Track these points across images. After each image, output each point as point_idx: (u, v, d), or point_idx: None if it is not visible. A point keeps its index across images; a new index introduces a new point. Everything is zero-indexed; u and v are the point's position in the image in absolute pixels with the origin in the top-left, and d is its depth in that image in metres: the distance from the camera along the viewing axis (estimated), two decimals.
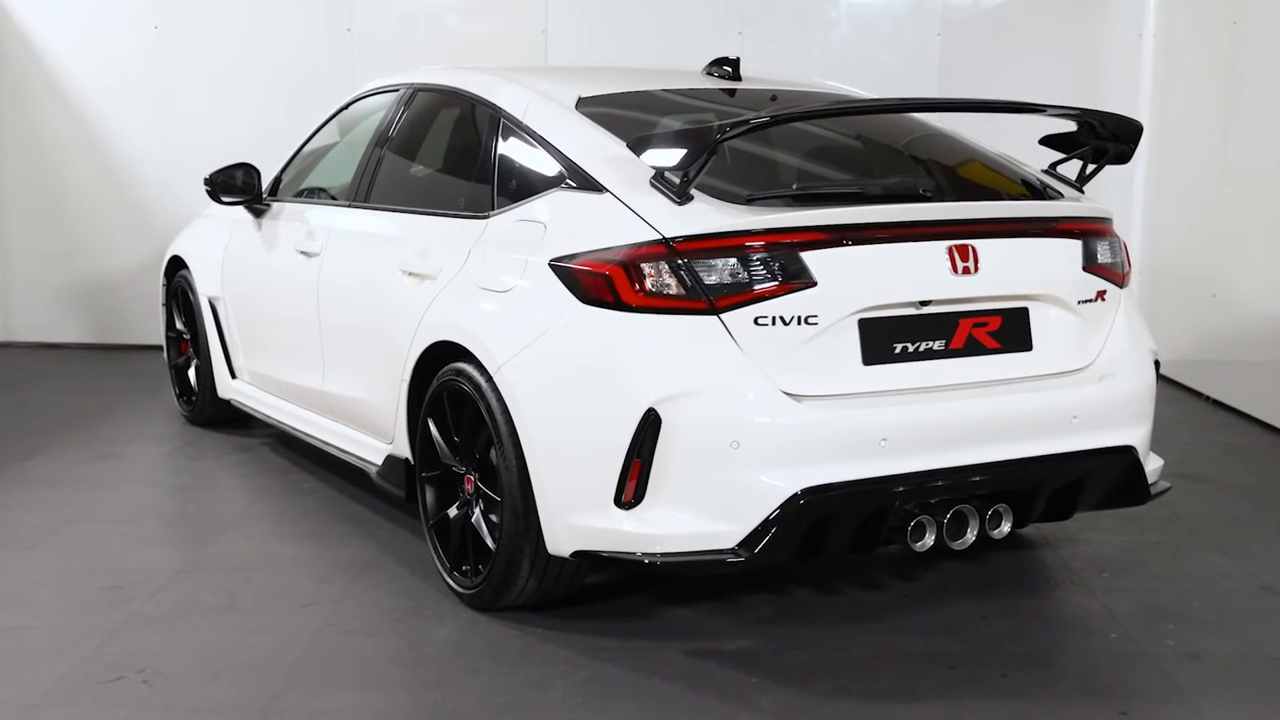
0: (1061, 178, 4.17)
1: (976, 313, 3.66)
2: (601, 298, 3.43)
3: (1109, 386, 3.82)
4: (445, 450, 3.98)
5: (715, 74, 4.55)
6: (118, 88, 8.01)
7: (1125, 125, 4.01)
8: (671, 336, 3.37)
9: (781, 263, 3.39)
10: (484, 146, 4.18)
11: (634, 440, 3.34)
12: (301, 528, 4.65)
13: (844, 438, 3.39)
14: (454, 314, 3.89)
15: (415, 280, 4.14)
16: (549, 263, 3.58)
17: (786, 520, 3.32)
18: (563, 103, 4.04)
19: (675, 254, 3.38)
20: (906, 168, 4.22)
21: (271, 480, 5.24)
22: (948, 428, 3.53)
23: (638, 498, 3.38)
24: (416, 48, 7.83)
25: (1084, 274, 3.83)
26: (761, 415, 3.35)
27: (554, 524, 3.52)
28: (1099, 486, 3.83)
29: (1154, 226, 7.53)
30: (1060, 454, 3.67)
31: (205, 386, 5.87)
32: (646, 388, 3.35)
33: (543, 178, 3.88)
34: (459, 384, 3.81)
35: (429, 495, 4.06)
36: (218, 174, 5.36)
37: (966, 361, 3.65)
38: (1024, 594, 4.05)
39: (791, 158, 4.06)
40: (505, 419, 3.62)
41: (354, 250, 4.64)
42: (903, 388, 3.54)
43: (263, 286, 5.32)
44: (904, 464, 3.45)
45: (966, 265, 3.58)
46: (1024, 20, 7.90)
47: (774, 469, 3.33)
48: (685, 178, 3.45)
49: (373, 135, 4.84)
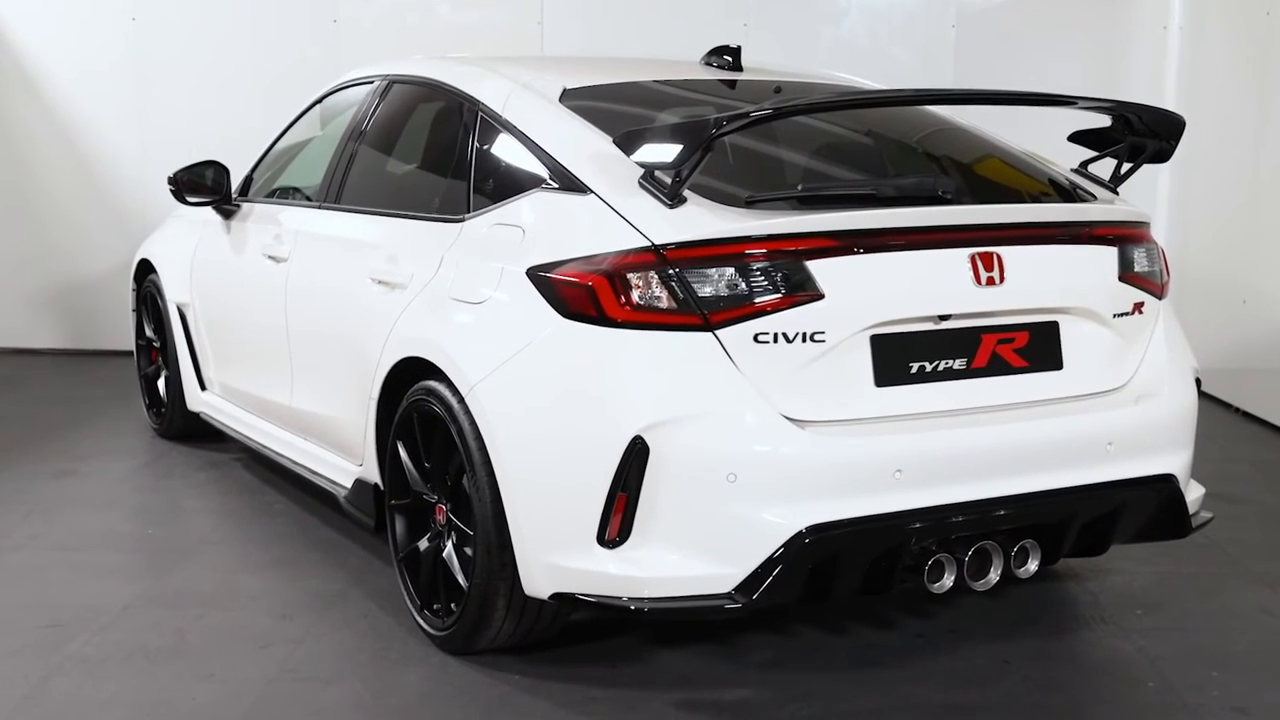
0: (1094, 177, 3.81)
1: (1002, 328, 3.31)
2: (584, 311, 3.08)
3: (1147, 409, 3.46)
4: (415, 477, 3.63)
5: (714, 64, 4.19)
6: (93, 82, 7.68)
7: (1165, 120, 3.64)
8: (661, 355, 3.02)
9: (785, 273, 3.03)
10: (460, 143, 3.83)
11: (618, 471, 2.99)
12: (267, 555, 4.30)
13: (854, 469, 3.04)
14: (424, 327, 3.54)
15: (385, 289, 3.78)
16: (527, 272, 3.23)
17: (789, 561, 2.97)
18: (545, 95, 3.68)
19: (666, 263, 3.03)
20: (923, 166, 3.85)
21: (240, 501, 4.89)
22: (970, 457, 3.18)
23: (623, 535, 3.03)
24: (406, 40, 7.51)
25: (1120, 284, 3.48)
26: (761, 444, 3.00)
27: (530, 562, 3.17)
28: (1135, 519, 3.48)
29: (1181, 228, 7.19)
30: (1094, 485, 3.32)
31: (174, 398, 5.53)
32: (632, 413, 3.00)
33: (522, 177, 3.52)
34: (429, 404, 3.46)
35: (398, 525, 3.71)
36: (183, 172, 5.01)
37: (990, 382, 3.29)
38: (1051, 634, 3.69)
39: (796, 155, 3.70)
40: (478, 444, 3.27)
41: (322, 255, 4.29)
42: (920, 412, 3.19)
43: (231, 293, 4.97)
44: (921, 498, 3.10)
45: (991, 275, 3.23)
46: (1043, 12, 7.60)
47: (775, 504, 2.98)
48: (677, 177, 3.10)
49: (345, 131, 4.49)
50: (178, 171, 5.01)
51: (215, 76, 7.60)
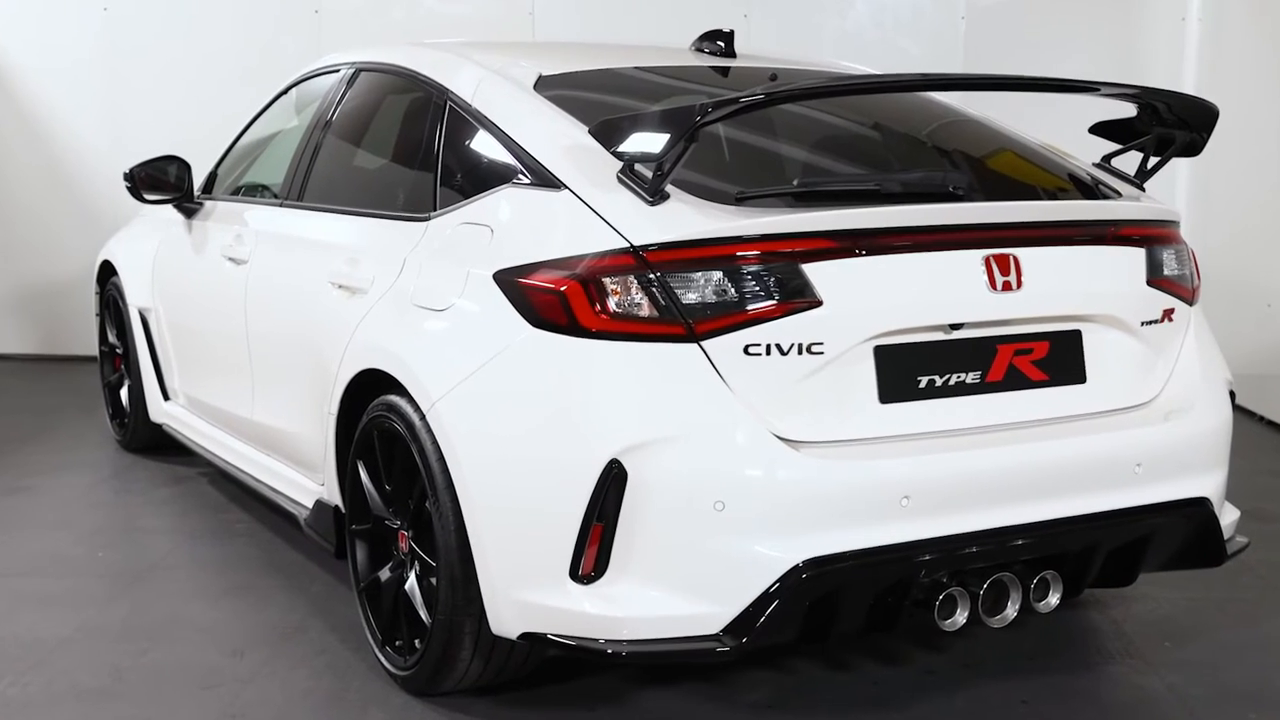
0: (1117, 172, 3.50)
1: (1019, 337, 2.99)
2: (555, 320, 2.77)
3: (1178, 426, 3.15)
4: (376, 500, 3.32)
5: (705, 50, 3.87)
6: (63, 74, 7.41)
7: (1196, 109, 3.32)
8: (640, 369, 2.71)
9: (778, 277, 2.72)
10: (427, 135, 3.51)
11: (593, 499, 2.68)
12: (224, 581, 3.99)
13: (857, 496, 2.73)
14: (383, 337, 3.23)
15: (345, 294, 3.47)
16: (494, 275, 2.92)
17: (785, 599, 2.67)
18: (519, 82, 3.37)
19: (646, 266, 2.71)
20: (932, 160, 3.54)
21: (201, 520, 4.58)
22: (985, 481, 2.86)
23: (598, 570, 2.72)
24: (391, 32, 7.22)
25: (1148, 289, 3.17)
26: (753, 468, 2.69)
27: (498, 598, 2.86)
28: (1166, 546, 3.17)
29: (1200, 228, 6.89)
30: (1121, 510, 3.01)
31: (137, 408, 5.22)
32: (608, 434, 2.69)
33: (492, 172, 3.21)
34: (390, 421, 3.15)
35: (359, 552, 3.40)
36: (141, 168, 4.71)
37: (1007, 397, 2.98)
38: (1072, 670, 3.38)
39: (792, 147, 3.38)
40: (440, 467, 2.96)
41: (283, 257, 3.98)
42: (929, 431, 2.88)
43: (192, 297, 4.66)
44: (931, 527, 2.79)
45: (1007, 279, 2.92)
46: (1057, 4, 7.31)
47: (768, 535, 2.67)
48: (659, 171, 2.78)
49: (309, 123, 4.18)
50: (135, 167, 4.71)
51: (191, 69, 7.31)
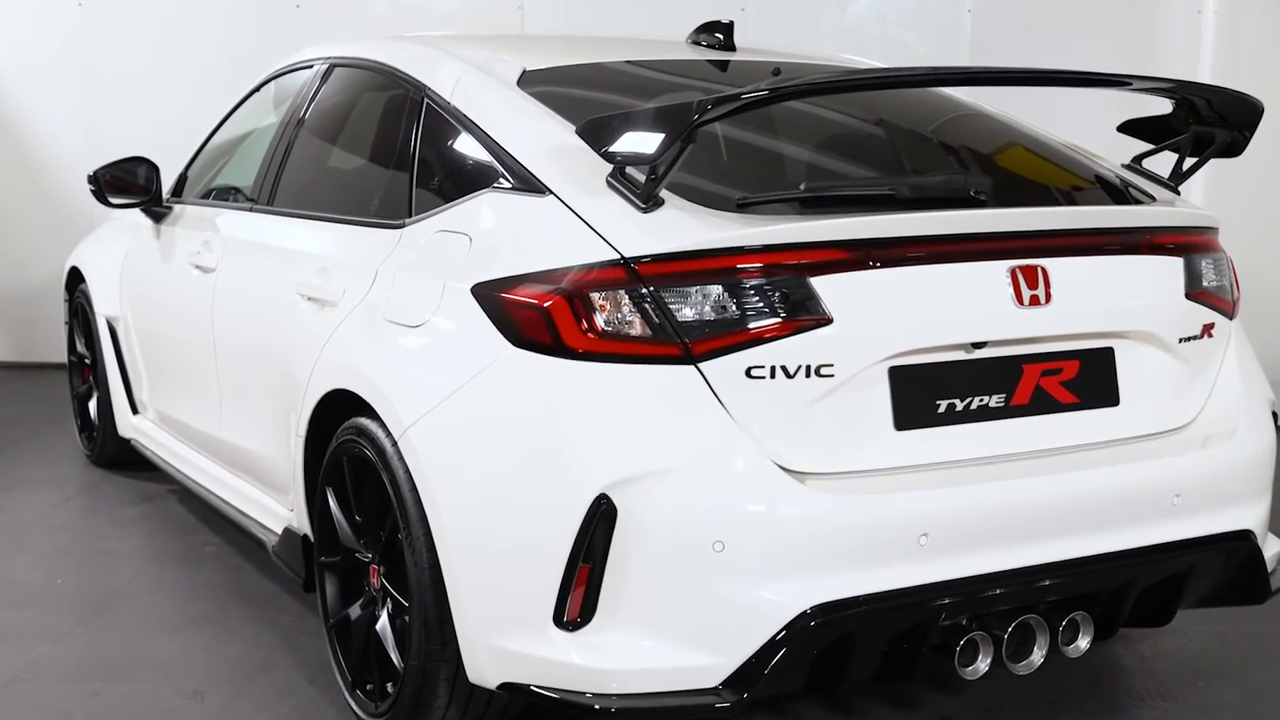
0: (1150, 174, 3.24)
1: (1047, 356, 2.74)
2: (538, 339, 2.51)
3: (1219, 453, 2.90)
4: (346, 531, 3.06)
5: (703, 43, 3.60)
6: (36, 71, 7.14)
7: (1238, 105, 3.07)
8: (631, 394, 2.45)
9: (784, 292, 2.46)
10: (403, 135, 3.25)
11: (579, 538, 2.42)
12: (189, 611, 3.73)
13: (870, 534, 2.48)
14: (352, 354, 2.97)
15: (315, 307, 3.22)
16: (472, 289, 2.66)
17: (791, 648, 2.42)
18: (502, 78, 3.11)
19: (638, 279, 2.46)
20: (950, 161, 3.28)
21: (169, 543, 4.31)
22: (1010, 516, 2.61)
23: (585, 616, 2.46)
24: (375, 25, 6.98)
25: (1187, 302, 2.91)
26: (755, 503, 2.43)
27: (475, 644, 2.60)
28: (1204, 582, 2.93)
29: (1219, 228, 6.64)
30: (1157, 546, 2.75)
31: (106, 422, 4.95)
32: (596, 466, 2.43)
33: (471, 175, 2.96)
34: (360, 446, 2.89)
35: (329, 586, 3.14)
36: (106, 170, 4.44)
37: (1033, 422, 2.72)
38: (1101, 714, 3.13)
39: (798, 148, 3.12)
40: (413, 499, 2.70)
41: (251, 266, 3.72)
42: (949, 460, 2.62)
43: (160, 306, 4.40)
44: (951, 567, 2.54)
45: (1035, 293, 2.66)
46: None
47: (773, 579, 2.42)
48: (653, 175, 2.52)
49: (281, 123, 3.92)
50: (100, 169, 4.44)
51: (169, 67, 7.05)
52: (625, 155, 2.56)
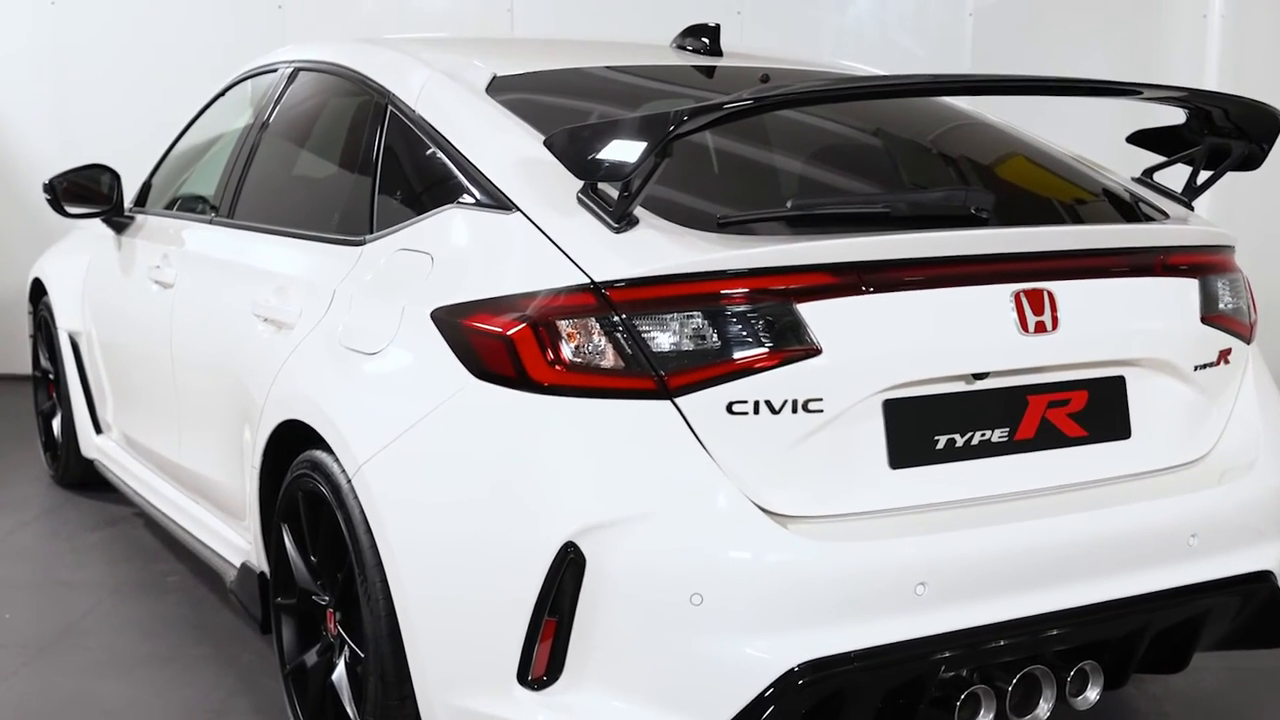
0: (1162, 188, 3.04)
1: (1054, 386, 2.54)
2: (501, 371, 2.31)
3: (1237, 489, 2.70)
4: (303, 571, 2.86)
5: (688, 48, 3.40)
6: (7, 72, 6.93)
7: (1257, 115, 2.86)
8: (602, 431, 2.25)
9: (769, 320, 2.26)
10: (365, 146, 3.05)
11: (544, 589, 2.22)
12: (145, 648, 3.53)
13: (863, 583, 2.27)
14: (306, 382, 2.77)
15: (272, 329, 3.02)
16: (432, 314, 2.46)
17: (777, 709, 2.21)
18: (470, 85, 2.90)
19: (609, 306, 2.26)
20: (949, 175, 3.08)
21: (130, 572, 4.11)
22: (1015, 561, 2.41)
23: (551, 674, 2.26)
24: (360, 27, 6.76)
25: (1203, 327, 2.71)
26: (737, 551, 2.23)
27: (434, 702, 2.40)
28: (1221, 626, 2.73)
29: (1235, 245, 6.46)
30: (1172, 590, 2.55)
31: (69, 441, 4.75)
32: (563, 511, 2.23)
33: (435, 190, 2.75)
34: (314, 482, 2.68)
35: (286, 629, 2.94)
36: (63, 178, 4.25)
37: (1039, 458, 2.52)
38: None
39: (784, 162, 2.91)
40: (369, 541, 2.50)
41: (209, 282, 3.52)
42: (948, 500, 2.42)
43: (121, 322, 4.20)
44: (951, 618, 2.33)
45: (1040, 319, 2.46)
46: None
47: (757, 634, 2.21)
48: (626, 192, 2.32)
49: (243, 130, 3.72)
50: (56, 177, 4.25)
51: (146, 67, 6.84)
52: (596, 170, 2.36)
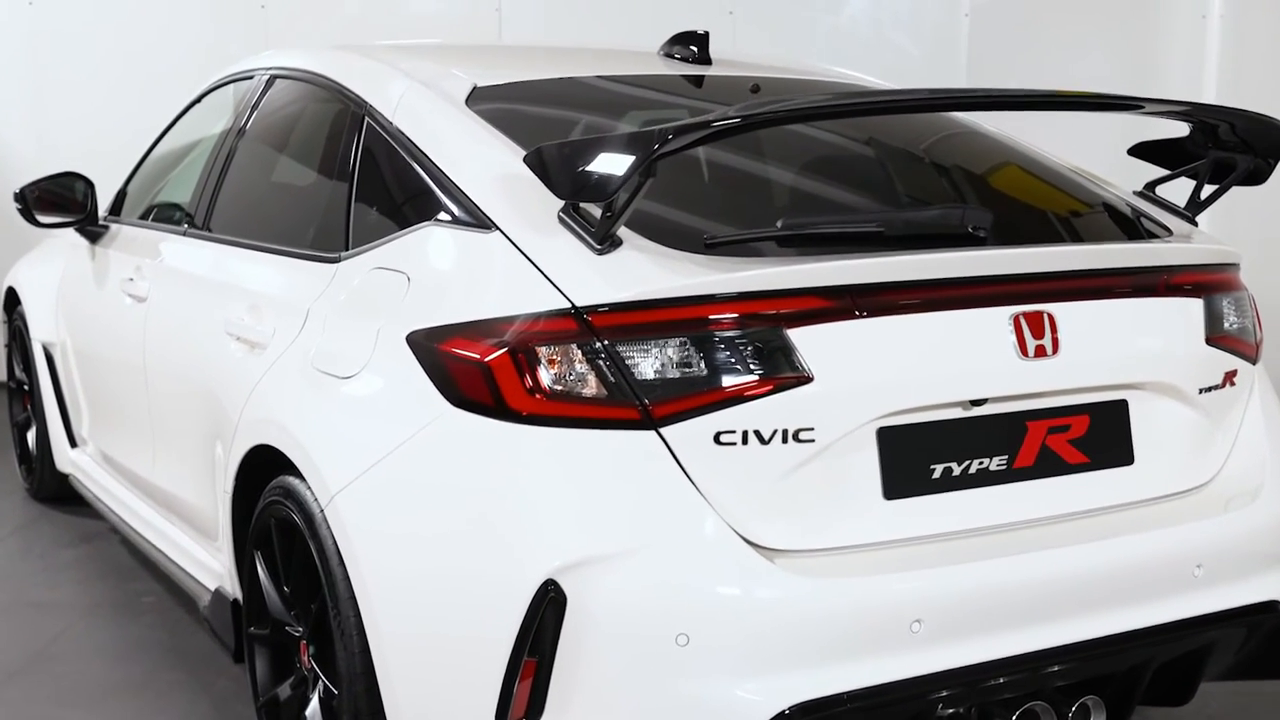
0: (1165, 203, 2.95)
1: (1054, 411, 2.44)
2: (479, 398, 2.21)
3: (1243, 516, 2.61)
4: (275, 601, 2.75)
5: (676, 56, 3.30)
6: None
7: (1263, 130, 2.76)
8: (583, 463, 2.16)
9: (758, 346, 2.17)
10: (341, 158, 2.94)
11: (524, 628, 2.13)
12: (117, 674, 3.42)
13: (856, 621, 2.18)
14: (278, 406, 2.67)
15: (244, 348, 2.91)
16: (408, 337, 2.36)
17: None
18: (449, 96, 2.80)
19: (591, 332, 2.16)
20: (945, 189, 2.98)
21: (104, 592, 4.00)
22: (1015, 595, 2.31)
23: (532, 716, 2.16)
24: (344, 30, 6.66)
25: (1208, 348, 2.61)
26: (725, 588, 2.14)
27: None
28: (1225, 658, 2.64)
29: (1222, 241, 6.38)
30: (1177, 623, 2.45)
31: (44, 454, 4.65)
32: (542, 547, 2.13)
33: (413, 206, 2.65)
34: (287, 509, 2.58)
35: (259, 660, 2.84)
36: (34, 186, 4.14)
37: (1039, 486, 2.43)
38: None
39: (774, 177, 2.80)
40: (342, 574, 2.40)
41: (182, 297, 3.42)
42: (945, 532, 2.33)
43: (95, 335, 4.09)
44: (949, 656, 2.24)
45: (1041, 343, 2.37)
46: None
47: (746, 675, 2.12)
48: (609, 212, 2.22)
49: (218, 139, 3.62)
50: (28, 185, 4.14)
51: (125, 70, 6.72)
52: (576, 189, 2.26)
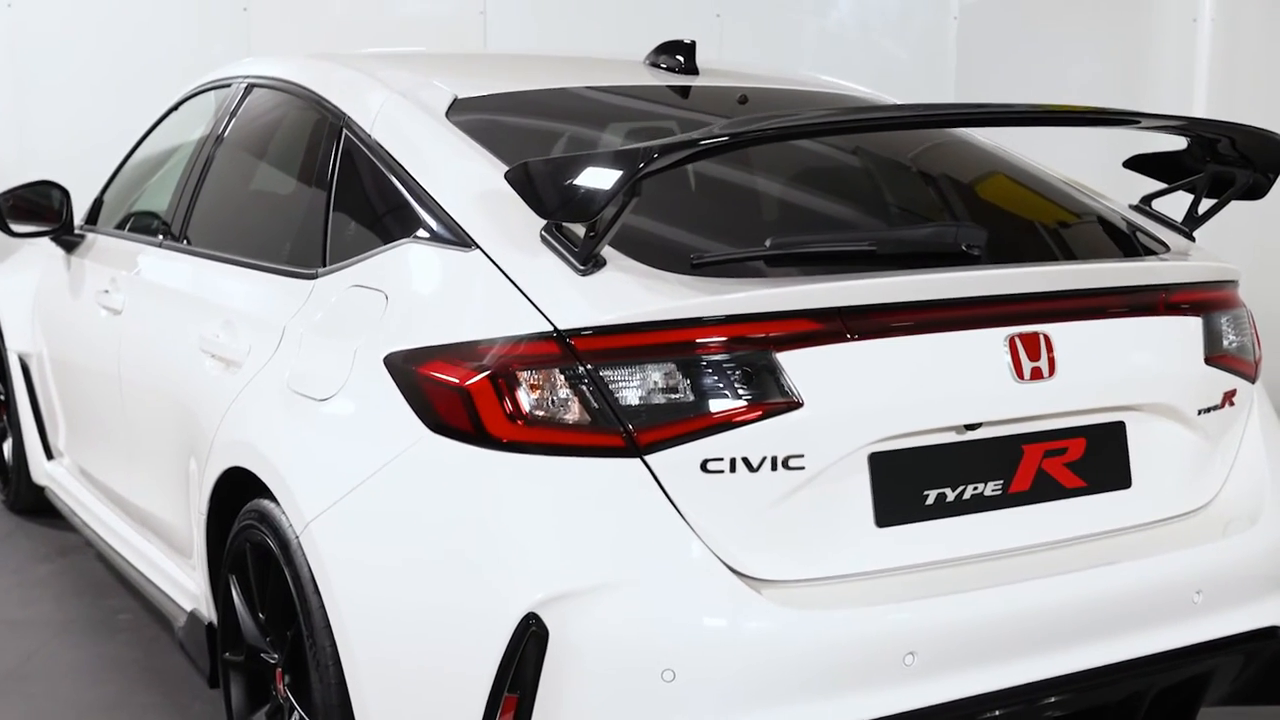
0: (1162, 218, 2.89)
1: (1050, 434, 2.38)
2: (457, 424, 2.14)
3: (1242, 540, 2.55)
4: (251, 627, 2.68)
5: (662, 65, 3.22)
6: None
7: (1263, 144, 2.70)
8: (565, 492, 2.09)
9: (746, 370, 2.10)
10: (318, 172, 2.87)
11: (504, 663, 2.06)
12: (89, 696, 3.34)
13: (847, 654, 2.12)
14: (252, 429, 2.60)
15: (219, 366, 2.83)
16: (385, 359, 2.28)
17: None
18: (429, 108, 2.72)
19: (574, 356, 2.09)
20: (937, 205, 2.91)
21: (79, 609, 3.92)
22: (1010, 626, 2.25)
23: None
24: (328, 33, 6.53)
25: (1207, 368, 2.55)
26: (712, 621, 2.08)
27: None
28: (1225, 685, 2.58)
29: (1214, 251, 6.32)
30: (1176, 651, 2.40)
31: (20, 466, 4.56)
32: (523, 580, 2.06)
33: (392, 222, 2.58)
34: (262, 534, 2.51)
35: (234, 687, 2.77)
36: (8, 195, 4.06)
37: (1035, 511, 2.37)
38: None
39: (762, 193, 2.73)
40: (318, 603, 2.33)
41: (156, 312, 3.34)
42: (939, 560, 2.27)
43: (71, 347, 4.00)
44: (942, 689, 2.18)
45: (1037, 365, 2.31)
46: (1057, 3, 6.71)
47: (734, 711, 2.06)
48: (592, 232, 2.15)
49: (194, 149, 3.54)
50: (3, 194, 4.07)
51: (107, 74, 6.57)
52: (559, 208, 2.19)
